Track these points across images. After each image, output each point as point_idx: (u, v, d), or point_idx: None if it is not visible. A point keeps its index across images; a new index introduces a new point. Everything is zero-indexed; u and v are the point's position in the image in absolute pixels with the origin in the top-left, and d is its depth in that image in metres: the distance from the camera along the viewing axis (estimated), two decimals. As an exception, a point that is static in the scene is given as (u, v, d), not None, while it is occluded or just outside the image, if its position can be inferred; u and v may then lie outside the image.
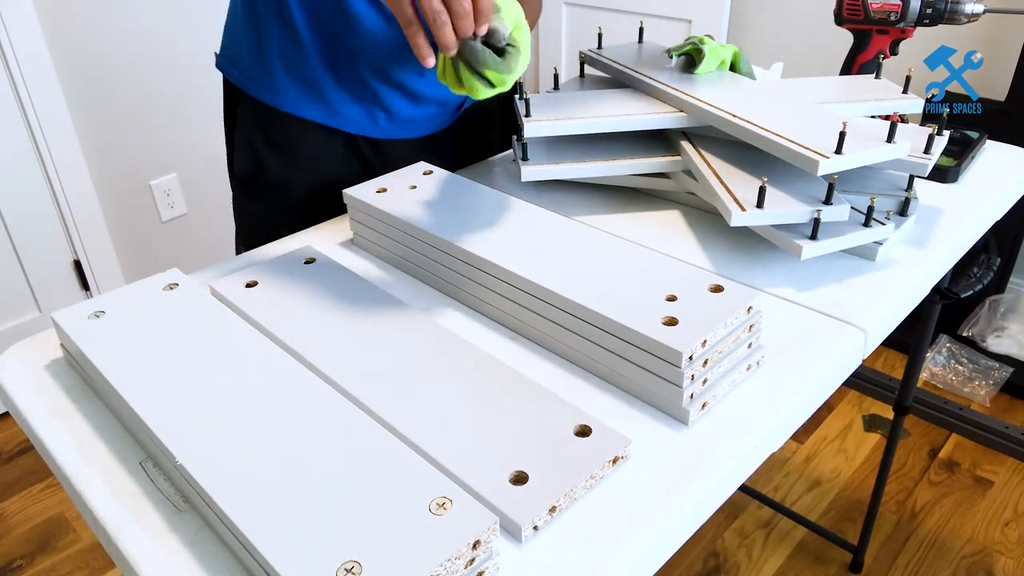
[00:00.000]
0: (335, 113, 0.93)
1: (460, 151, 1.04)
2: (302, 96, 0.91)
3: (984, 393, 1.85)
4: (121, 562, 0.51)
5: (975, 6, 0.95)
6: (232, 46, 0.94)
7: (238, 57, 0.93)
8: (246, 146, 0.95)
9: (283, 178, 0.94)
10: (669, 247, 0.80)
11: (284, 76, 0.90)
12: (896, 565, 1.49)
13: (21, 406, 0.63)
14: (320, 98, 0.92)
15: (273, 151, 0.94)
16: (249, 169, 0.96)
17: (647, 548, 0.49)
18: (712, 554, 1.53)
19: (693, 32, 2.22)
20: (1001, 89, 1.75)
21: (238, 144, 0.96)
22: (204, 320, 0.64)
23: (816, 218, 0.71)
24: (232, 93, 0.97)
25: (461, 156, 1.04)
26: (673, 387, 0.57)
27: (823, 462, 1.73)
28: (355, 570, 0.42)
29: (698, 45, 0.92)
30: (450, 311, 0.73)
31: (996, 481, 1.67)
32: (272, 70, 0.90)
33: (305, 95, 0.91)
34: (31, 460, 1.82)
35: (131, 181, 2.06)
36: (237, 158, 0.97)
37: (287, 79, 0.91)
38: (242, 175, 0.97)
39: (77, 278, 2.03)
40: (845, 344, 0.66)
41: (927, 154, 0.78)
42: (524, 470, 0.51)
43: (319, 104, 0.92)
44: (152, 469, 0.56)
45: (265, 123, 0.93)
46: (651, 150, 0.88)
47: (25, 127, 1.82)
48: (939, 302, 1.15)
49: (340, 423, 0.52)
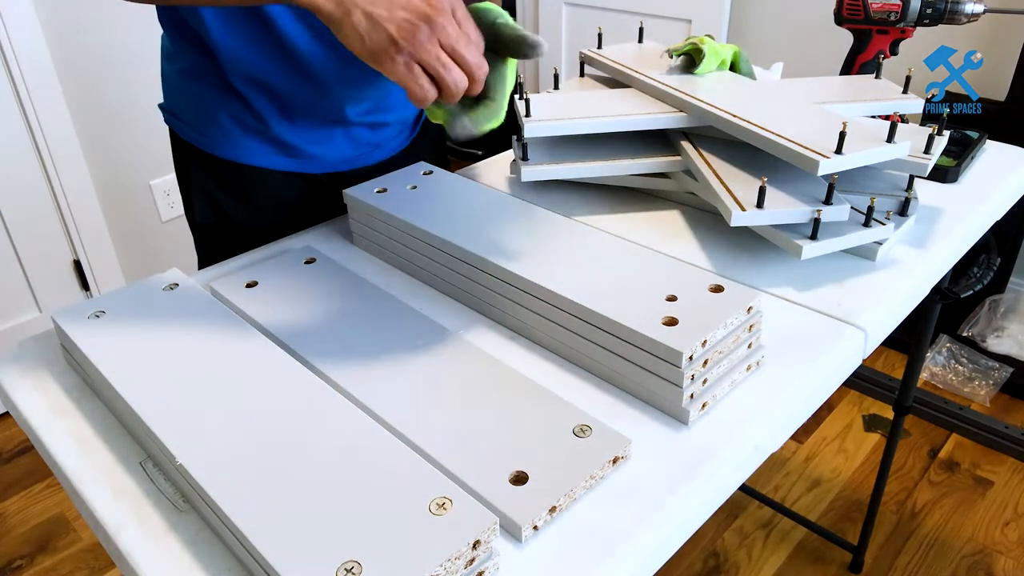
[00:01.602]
0: (296, 157, 0.89)
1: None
2: (258, 145, 0.87)
3: (984, 393, 1.85)
4: (121, 562, 0.51)
5: (975, 6, 0.95)
6: (173, 99, 0.89)
7: (182, 110, 0.89)
8: (205, 198, 0.91)
9: (248, 223, 0.90)
10: (669, 247, 0.80)
11: (235, 128, 0.86)
12: (896, 565, 1.49)
13: (21, 406, 0.63)
14: (277, 145, 0.88)
15: (234, 200, 0.90)
16: (210, 218, 0.92)
17: (647, 548, 0.49)
18: (712, 554, 1.53)
19: (693, 32, 2.22)
20: (1001, 89, 1.75)
21: (196, 195, 0.92)
22: (204, 320, 0.64)
23: (816, 218, 0.71)
24: (182, 145, 0.91)
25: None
26: (673, 387, 0.57)
27: (823, 462, 1.73)
28: (355, 570, 0.42)
29: (698, 45, 0.92)
30: (450, 311, 0.73)
31: (996, 481, 1.67)
32: (221, 124, 0.86)
33: (261, 144, 0.87)
34: (31, 460, 1.82)
35: (131, 181, 2.06)
36: (196, 209, 0.93)
37: (238, 131, 0.86)
38: (203, 222, 0.93)
39: (77, 278, 2.03)
40: (845, 344, 0.66)
41: (927, 154, 0.77)
42: (524, 470, 0.51)
43: (277, 151, 0.88)
44: (152, 469, 0.56)
45: (223, 175, 0.89)
46: (651, 150, 0.88)
47: (25, 127, 1.82)
48: (939, 302, 1.15)
49: (340, 423, 0.52)
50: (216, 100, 0.85)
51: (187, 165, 0.91)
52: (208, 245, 0.94)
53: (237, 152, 0.87)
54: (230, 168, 0.88)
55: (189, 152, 0.90)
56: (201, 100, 0.86)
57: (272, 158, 0.88)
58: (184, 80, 0.87)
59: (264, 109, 0.85)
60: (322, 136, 0.89)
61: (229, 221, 0.91)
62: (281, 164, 0.89)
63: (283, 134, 0.87)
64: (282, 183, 0.90)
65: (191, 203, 0.93)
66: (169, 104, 0.90)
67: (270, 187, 0.90)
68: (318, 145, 0.90)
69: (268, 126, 0.86)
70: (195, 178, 0.90)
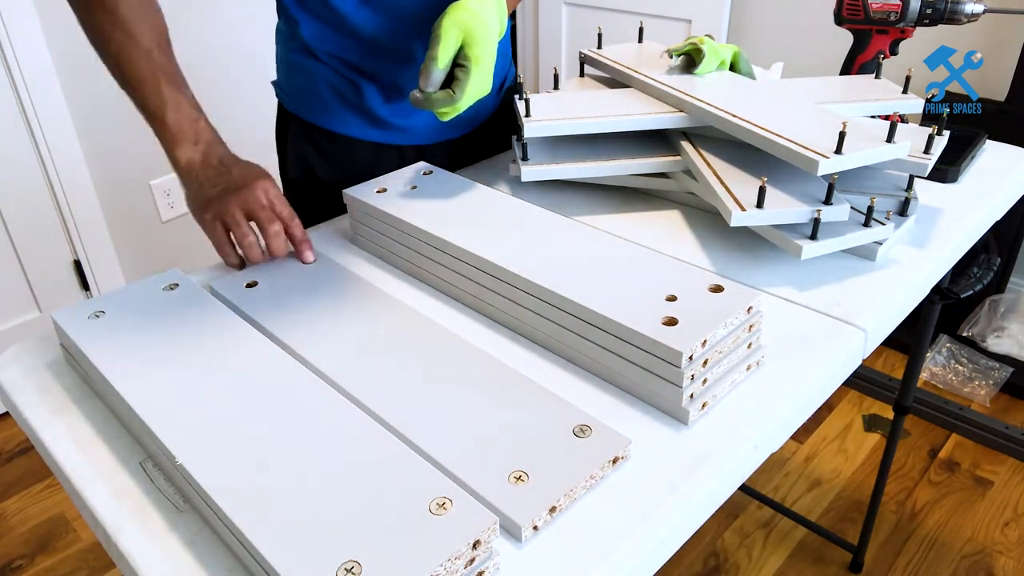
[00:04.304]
0: (385, 128, 0.97)
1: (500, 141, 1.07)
2: (352, 117, 0.96)
3: (984, 393, 1.85)
4: (121, 562, 0.51)
5: (975, 6, 0.95)
6: (285, 78, 1.00)
7: (288, 85, 0.99)
8: (297, 157, 1.01)
9: (333, 181, 0.98)
10: (669, 247, 0.80)
11: (335, 102, 0.95)
12: (896, 565, 1.49)
13: (21, 406, 0.63)
14: (370, 118, 0.96)
15: (324, 161, 0.99)
16: (300, 174, 1.01)
17: (647, 548, 0.49)
18: (712, 554, 1.53)
19: (693, 32, 2.22)
20: (1001, 89, 1.75)
21: (290, 154, 1.02)
22: (204, 320, 0.64)
23: (816, 218, 0.71)
24: (284, 115, 1.02)
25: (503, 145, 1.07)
26: (673, 387, 0.57)
27: (823, 462, 1.73)
28: (355, 570, 0.42)
29: (698, 45, 0.92)
30: (450, 311, 0.73)
31: (996, 481, 1.67)
32: (323, 96, 0.95)
33: (356, 116, 0.96)
34: (31, 460, 1.82)
35: (131, 181, 2.06)
36: (289, 165, 1.03)
37: (338, 104, 0.95)
38: (293, 178, 1.03)
39: (77, 278, 2.03)
40: (845, 344, 0.66)
41: (927, 154, 0.78)
42: (524, 470, 0.51)
43: (368, 123, 0.96)
44: (152, 469, 0.56)
45: (317, 141, 0.99)
46: (651, 150, 0.88)
47: (25, 127, 1.82)
48: (939, 302, 1.15)
49: (340, 423, 0.52)
50: (318, 76, 0.94)
51: (286, 131, 1.02)
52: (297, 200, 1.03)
53: (332, 122, 0.97)
54: (325, 135, 0.98)
55: (289, 120, 1.01)
56: (305, 75, 0.95)
57: (364, 129, 0.97)
58: (291, 57, 0.97)
59: (360, 84, 0.94)
60: (409, 110, 0.96)
61: (316, 179, 1.00)
62: (371, 135, 0.98)
63: (375, 108, 0.95)
64: (370, 151, 0.99)
65: (285, 162, 1.05)
66: (279, 80, 1.01)
67: (358, 154, 0.99)
68: (406, 119, 0.96)
69: (364, 100, 0.94)
70: (291, 142, 1.01)
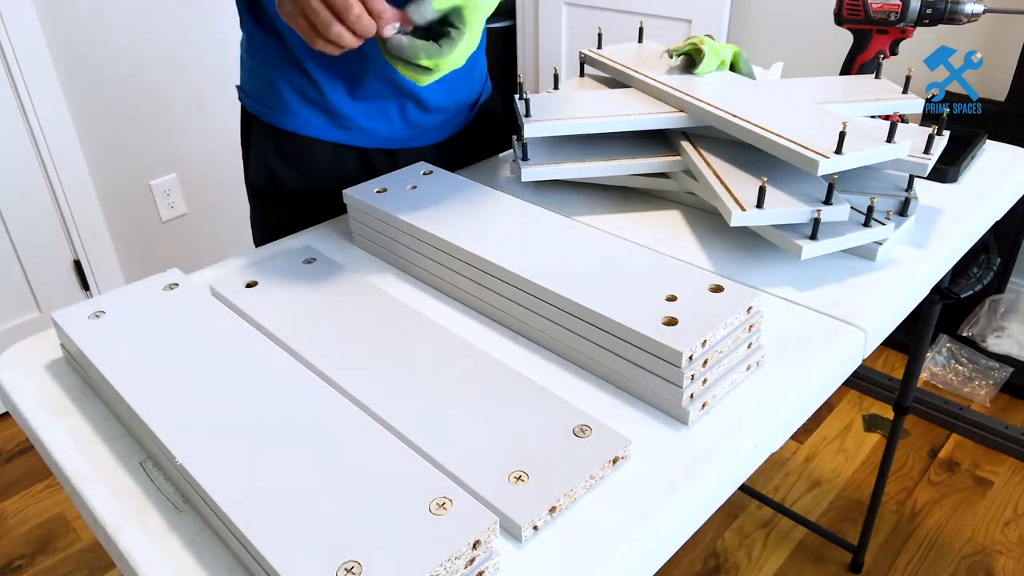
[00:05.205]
0: (349, 129, 0.94)
1: (471, 153, 1.05)
2: (314, 117, 0.93)
3: (984, 393, 1.85)
4: (121, 562, 0.51)
5: (975, 6, 0.95)
6: (246, 80, 0.98)
7: (250, 86, 0.97)
8: (260, 162, 0.98)
9: (296, 188, 0.96)
10: (669, 247, 0.80)
11: (295, 100, 0.92)
12: (896, 565, 1.49)
13: (21, 406, 0.63)
14: (333, 117, 0.93)
15: (286, 165, 0.96)
16: (263, 181, 0.98)
17: (647, 548, 0.49)
18: (712, 554, 1.53)
19: (693, 32, 2.22)
20: (1001, 89, 1.75)
21: (253, 160, 0.99)
22: (204, 320, 0.64)
23: (816, 218, 0.71)
24: (247, 118, 1.00)
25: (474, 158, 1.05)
26: (673, 387, 0.57)
27: (823, 462, 1.73)
28: (355, 570, 0.42)
29: (698, 45, 0.92)
30: (450, 311, 0.73)
31: (996, 481, 1.67)
32: (283, 97, 0.93)
33: (318, 116, 0.93)
34: (31, 460, 1.82)
35: (131, 181, 2.06)
36: (251, 172, 1.00)
37: (298, 103, 0.93)
38: (256, 186, 1.00)
39: (77, 278, 2.03)
40: (845, 344, 0.66)
41: (927, 154, 0.78)
42: (524, 470, 0.51)
43: (332, 123, 0.94)
44: (152, 469, 0.56)
45: (280, 144, 0.96)
46: (651, 150, 0.88)
47: (25, 127, 1.82)
48: (939, 302, 1.15)
49: (340, 423, 0.52)
50: (279, 75, 0.92)
51: (248, 134, 0.99)
52: (260, 213, 1.02)
53: (295, 123, 0.94)
54: (286, 137, 0.95)
55: (251, 123, 0.98)
56: (265, 75, 0.93)
57: (326, 129, 0.94)
58: (252, 58, 0.94)
59: (323, 81, 0.90)
60: (376, 110, 0.94)
61: (280, 185, 0.97)
62: (334, 136, 0.94)
63: (340, 106, 0.92)
64: (333, 154, 0.95)
65: (248, 169, 1.01)
66: (241, 82, 0.99)
67: (321, 157, 0.95)
68: (371, 119, 0.94)
69: (326, 98, 0.91)
70: (254, 146, 0.98)
